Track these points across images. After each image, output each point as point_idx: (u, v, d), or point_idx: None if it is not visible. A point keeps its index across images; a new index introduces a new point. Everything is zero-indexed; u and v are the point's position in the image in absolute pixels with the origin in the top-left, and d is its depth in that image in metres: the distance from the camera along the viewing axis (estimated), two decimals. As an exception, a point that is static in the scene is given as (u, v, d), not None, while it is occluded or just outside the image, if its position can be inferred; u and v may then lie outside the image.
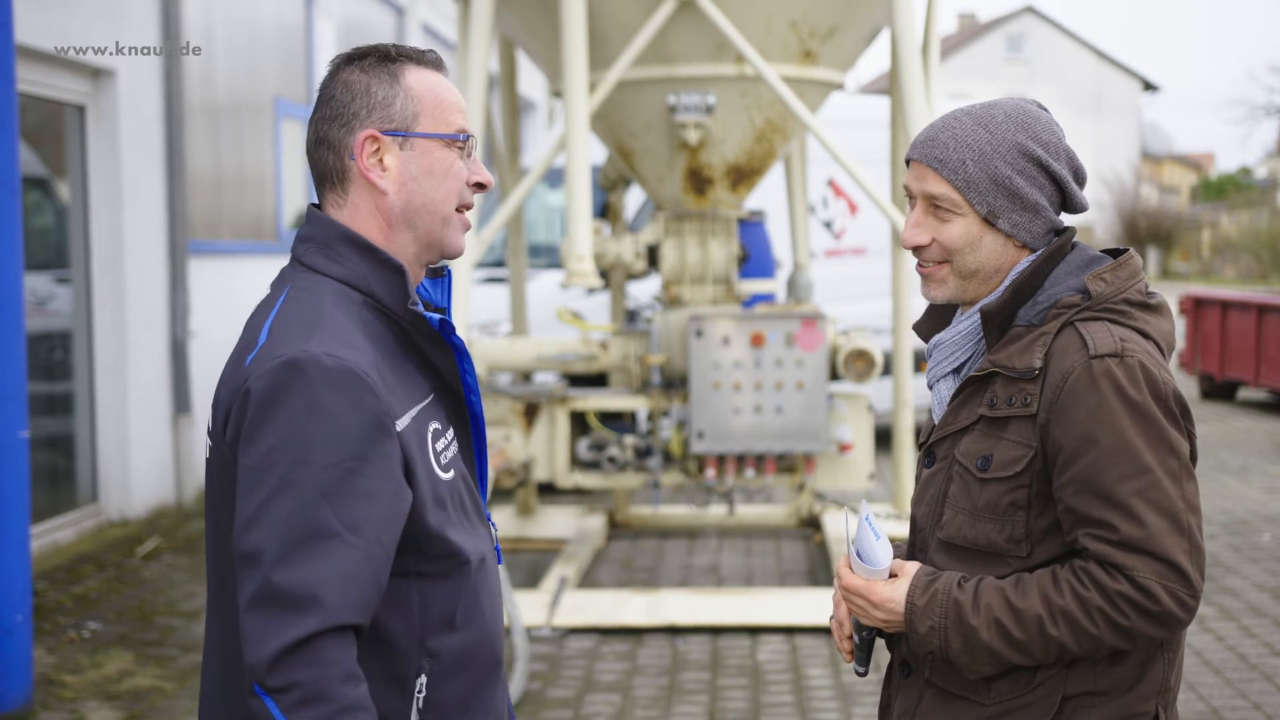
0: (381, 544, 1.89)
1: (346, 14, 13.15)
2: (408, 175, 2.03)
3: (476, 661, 2.05)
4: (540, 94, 19.18)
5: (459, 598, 2.02)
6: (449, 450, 2.05)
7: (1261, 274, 42.43)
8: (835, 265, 11.48)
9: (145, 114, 8.81)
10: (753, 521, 8.73)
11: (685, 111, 7.12)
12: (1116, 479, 2.05)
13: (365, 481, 1.87)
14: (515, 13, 7.43)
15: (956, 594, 2.12)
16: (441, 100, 2.06)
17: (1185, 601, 2.05)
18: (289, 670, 1.81)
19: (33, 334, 7.50)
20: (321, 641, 1.83)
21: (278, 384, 1.87)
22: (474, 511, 2.10)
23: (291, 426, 1.86)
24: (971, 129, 2.18)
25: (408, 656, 1.98)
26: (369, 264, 2.01)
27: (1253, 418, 14.48)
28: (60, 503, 8.29)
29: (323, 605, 1.83)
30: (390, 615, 1.97)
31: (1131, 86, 57.56)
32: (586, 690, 5.83)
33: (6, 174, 5.21)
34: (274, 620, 1.82)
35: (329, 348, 1.89)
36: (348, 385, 1.88)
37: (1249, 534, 8.72)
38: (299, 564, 1.83)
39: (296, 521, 1.84)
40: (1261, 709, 5.58)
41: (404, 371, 2.01)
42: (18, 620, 5.28)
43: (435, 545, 1.98)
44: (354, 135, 2.02)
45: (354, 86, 2.04)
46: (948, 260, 2.21)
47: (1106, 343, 2.09)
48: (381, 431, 1.90)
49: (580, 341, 7.54)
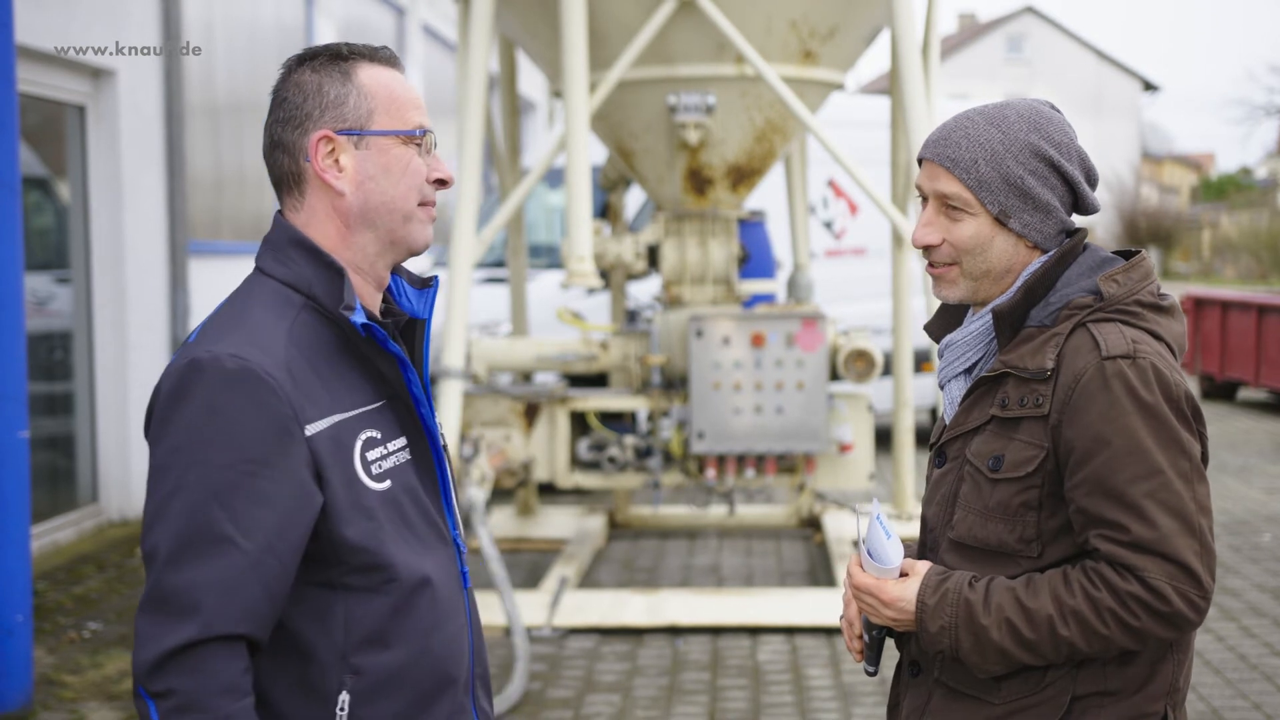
0: (275, 550, 1.85)
1: (346, 14, 13.15)
2: (365, 175, 2.00)
3: (412, 684, 1.98)
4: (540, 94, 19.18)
5: (391, 615, 1.95)
6: (387, 460, 1.99)
7: (1262, 274, 42.42)
8: (835, 265, 11.47)
9: (145, 114, 8.81)
10: (753, 522, 8.73)
11: (685, 111, 7.12)
12: (1128, 480, 2.05)
13: (260, 484, 1.84)
14: (515, 13, 7.42)
15: (968, 593, 2.12)
16: (396, 96, 2.02)
17: (1196, 603, 2.05)
18: (167, 676, 1.80)
19: (33, 334, 7.50)
20: (201, 650, 1.81)
21: (180, 384, 1.87)
22: (424, 527, 2.03)
23: (190, 427, 1.85)
24: (984, 129, 2.18)
25: (328, 670, 1.93)
26: (313, 266, 1.98)
27: (1253, 418, 14.48)
28: (60, 503, 8.29)
29: (202, 613, 1.81)
30: (310, 626, 1.93)
31: (1132, 86, 57.56)
32: (587, 690, 5.83)
33: (7, 174, 5.21)
34: (159, 624, 1.82)
35: (236, 348, 1.87)
36: (248, 387, 1.85)
37: (1249, 534, 8.72)
38: (184, 568, 1.82)
39: (187, 524, 1.83)
40: (1262, 709, 5.58)
41: (343, 377, 1.97)
42: (18, 620, 5.28)
43: (357, 557, 1.93)
44: (308, 136, 1.99)
45: (306, 87, 2.01)
46: (957, 262, 2.21)
47: (1119, 344, 2.09)
48: (283, 434, 1.86)
49: (580, 342, 7.54)
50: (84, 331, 8.51)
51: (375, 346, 1.99)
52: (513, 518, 8.63)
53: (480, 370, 7.43)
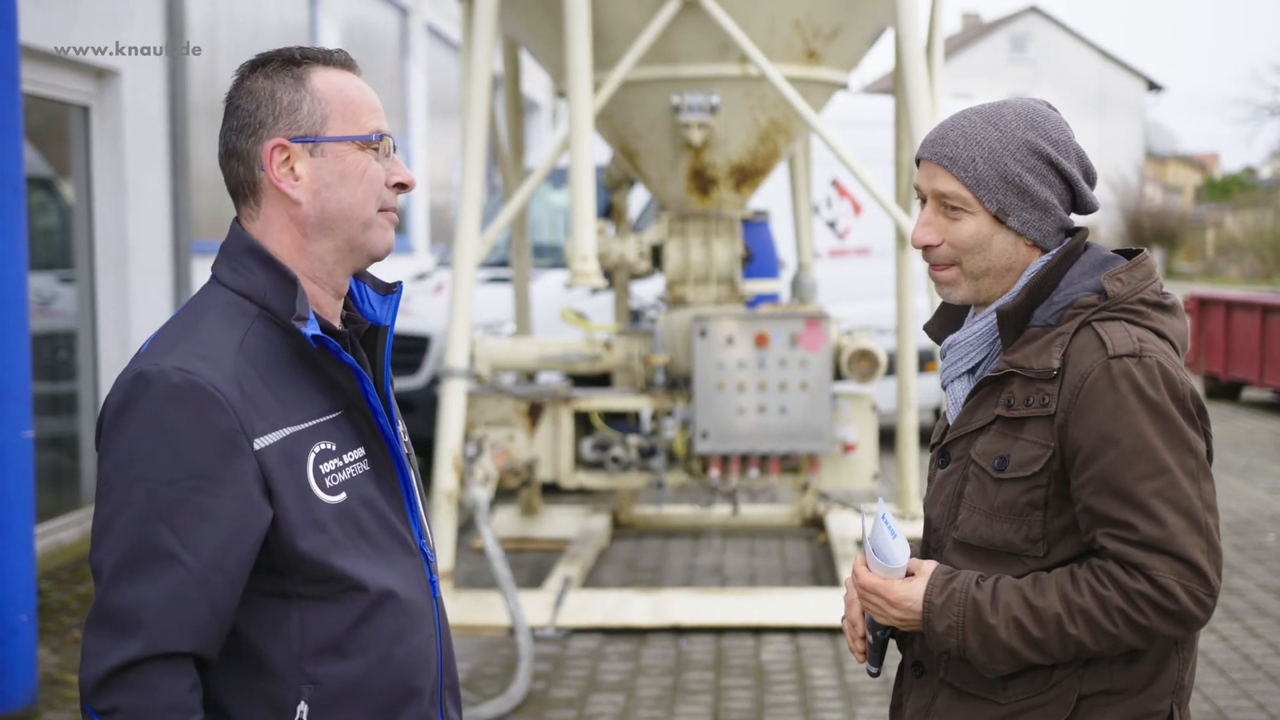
0: (220, 567, 1.83)
1: (350, 14, 13.16)
2: (321, 182, 1.96)
3: (373, 695, 1.95)
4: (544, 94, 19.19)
5: (349, 625, 1.93)
6: (343, 472, 1.96)
7: (1266, 274, 42.38)
8: (839, 265, 11.47)
9: (149, 114, 8.82)
10: (757, 522, 8.73)
11: (689, 111, 7.12)
12: (1135, 479, 2.05)
13: (205, 500, 1.82)
14: (519, 13, 7.42)
15: (975, 593, 2.12)
16: (351, 101, 1.98)
17: (1203, 601, 2.06)
18: (111, 694, 1.79)
19: (37, 334, 7.50)
20: (145, 668, 1.79)
21: (126, 398, 1.85)
22: (385, 538, 1.99)
23: (134, 442, 1.83)
24: (981, 127, 2.18)
25: (285, 681, 1.91)
26: (268, 275, 1.95)
27: (1257, 418, 14.47)
28: (64, 503, 8.30)
29: (146, 631, 1.79)
30: (266, 637, 1.91)
31: (1136, 86, 57.53)
32: (590, 690, 5.83)
33: (11, 174, 5.21)
34: (104, 641, 1.81)
35: (182, 361, 1.85)
36: (193, 401, 1.83)
37: (1253, 534, 8.71)
38: (128, 585, 1.81)
39: (131, 540, 1.81)
40: (1266, 709, 5.57)
41: (297, 388, 1.94)
42: (22, 620, 5.29)
43: (312, 569, 1.90)
44: (262, 145, 1.96)
45: (259, 94, 1.97)
46: (957, 262, 2.21)
47: (1125, 343, 2.10)
48: (230, 449, 1.84)
49: (584, 341, 7.54)
50: (88, 331, 8.51)
51: (329, 357, 1.95)
52: (516, 517, 8.64)
53: (484, 370, 7.43)
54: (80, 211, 8.45)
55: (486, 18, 6.91)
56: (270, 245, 1.97)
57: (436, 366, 9.68)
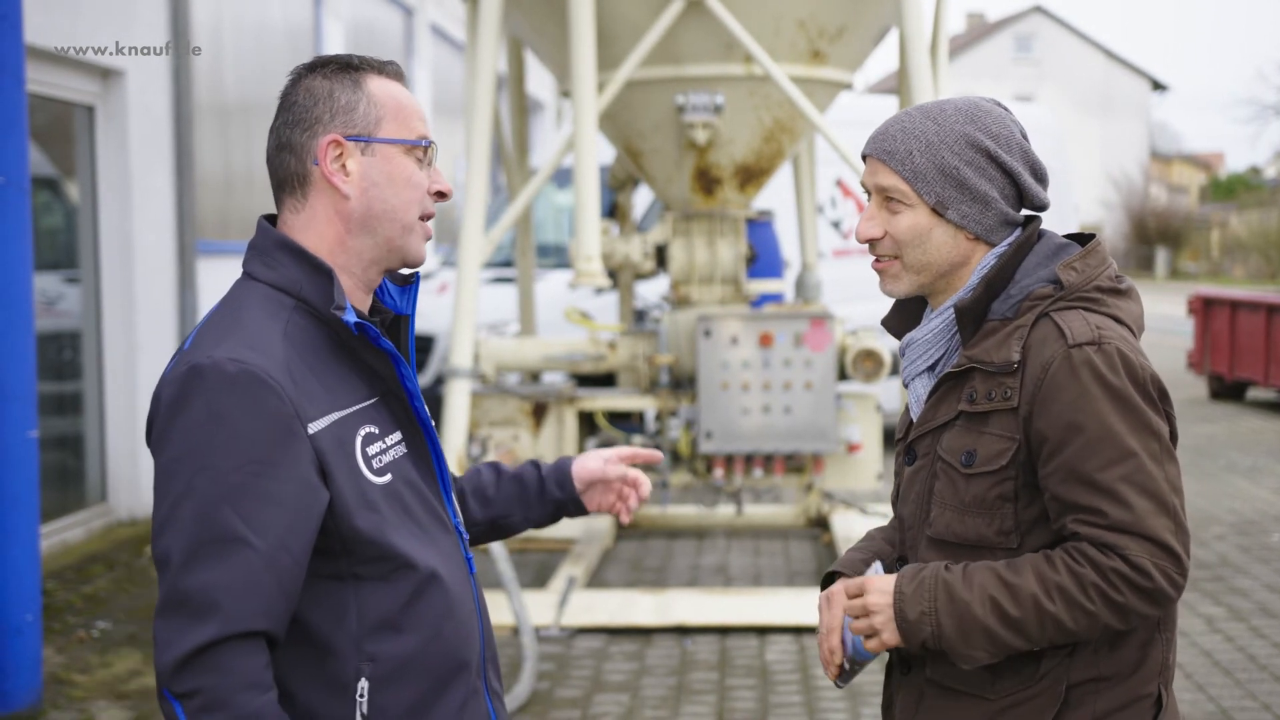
0: (287, 548, 1.89)
1: (355, 14, 13.16)
2: (369, 181, 2.04)
3: (427, 669, 2.03)
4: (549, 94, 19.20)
5: (402, 602, 2.01)
6: (387, 454, 2.04)
7: (1271, 274, 42.34)
8: (843, 265, 11.47)
9: (154, 114, 8.83)
10: (761, 521, 8.73)
11: (694, 111, 7.12)
12: (1101, 465, 2.08)
13: (268, 485, 1.88)
14: (524, 13, 7.43)
15: (944, 575, 2.14)
16: (404, 106, 2.07)
17: (1175, 579, 2.08)
18: (191, 677, 1.84)
19: (42, 334, 7.51)
20: (222, 649, 1.85)
21: (181, 391, 1.91)
22: (426, 517, 2.08)
23: (194, 432, 1.89)
24: (920, 122, 2.21)
25: (345, 659, 1.98)
26: (301, 268, 2.02)
27: (1262, 417, 14.45)
28: (69, 502, 8.31)
29: (221, 612, 1.85)
30: (324, 618, 1.98)
31: (1140, 86, 57.48)
32: (595, 690, 5.83)
33: (16, 174, 5.22)
34: (178, 626, 1.86)
35: (234, 353, 1.91)
36: (249, 390, 1.89)
37: (1258, 534, 8.70)
38: (199, 570, 1.86)
39: (198, 527, 1.87)
40: (1271, 709, 5.56)
41: (338, 375, 2.01)
42: (27, 619, 5.29)
43: (368, 548, 1.97)
44: (317, 140, 2.03)
45: (317, 92, 2.05)
46: (899, 255, 2.24)
47: (1083, 331, 2.12)
48: (286, 434, 1.90)
49: (588, 341, 7.54)
50: (93, 331, 8.52)
51: (367, 344, 2.03)
52: (521, 517, 8.62)
53: (488, 370, 7.43)
54: (85, 211, 8.46)
55: (491, 18, 6.91)
56: (311, 237, 2.05)
57: (441, 366, 9.68)
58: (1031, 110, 14.36)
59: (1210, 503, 9.65)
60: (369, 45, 13.59)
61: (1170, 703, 2.21)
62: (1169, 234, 51.14)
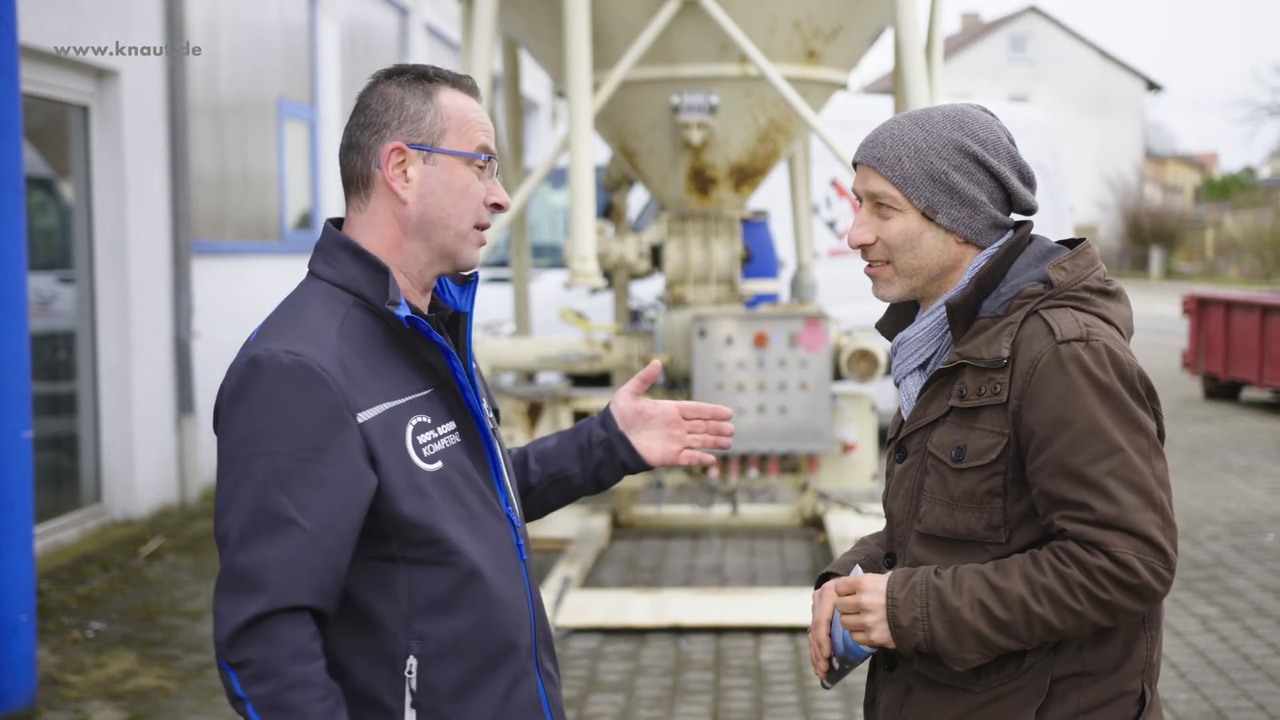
0: (335, 528, 2.01)
1: (350, 14, 13.15)
2: (427, 188, 2.14)
3: (475, 650, 2.13)
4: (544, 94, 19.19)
5: (452, 584, 2.11)
6: (438, 443, 2.14)
7: (1265, 274, 42.39)
8: (838, 265, 11.47)
9: (149, 114, 8.82)
10: (756, 522, 8.73)
11: (689, 112, 7.12)
12: (1089, 460, 2.10)
13: (319, 469, 2.00)
14: (519, 13, 7.43)
15: (935, 580, 2.16)
16: (469, 120, 2.16)
17: (1162, 575, 2.10)
18: (243, 648, 1.97)
19: (36, 334, 7.50)
20: (271, 621, 1.97)
21: (241, 381, 2.04)
22: (478, 504, 2.17)
23: (251, 419, 2.02)
24: (908, 128, 2.26)
25: (395, 637, 2.09)
26: (360, 267, 2.13)
27: (1257, 418, 14.47)
28: (64, 503, 8.30)
29: (270, 588, 1.97)
30: (377, 597, 2.09)
31: (1135, 86, 57.56)
32: (590, 690, 5.83)
33: (11, 174, 5.21)
34: (232, 601, 1.99)
35: (291, 345, 2.04)
36: (303, 380, 2.01)
37: (1253, 534, 8.71)
38: (252, 549, 1.99)
39: (253, 508, 2.00)
40: (1266, 709, 5.57)
41: (392, 367, 2.12)
42: (21, 620, 5.29)
43: (416, 532, 2.08)
44: (383, 144, 2.13)
45: (389, 99, 2.15)
46: (890, 260, 2.27)
47: (1072, 328, 2.15)
48: (337, 422, 2.02)
49: (584, 342, 7.54)
50: (87, 331, 8.51)
51: (420, 338, 2.13)
52: (516, 518, 8.62)
53: (484, 370, 7.43)
54: (80, 212, 8.45)
55: (486, 18, 6.91)
56: (370, 236, 2.16)
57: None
58: (1026, 110, 14.36)
59: (1205, 503, 9.66)
60: (364, 45, 13.58)
61: (1154, 701, 2.23)
62: (1164, 234, 51.21)
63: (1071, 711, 2.16)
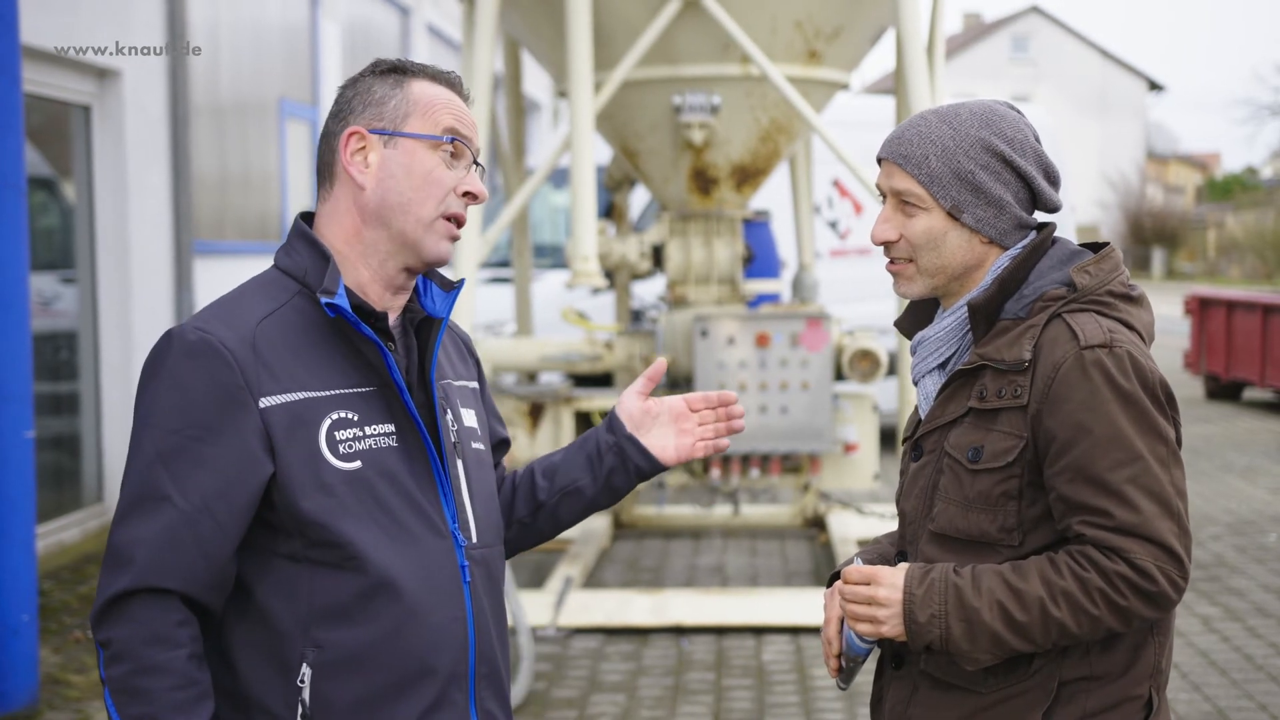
0: (211, 511, 1.95)
1: (351, 15, 13.15)
2: (386, 172, 2.06)
3: (380, 667, 2.00)
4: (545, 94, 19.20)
5: (355, 592, 1.98)
6: (362, 443, 2.02)
7: (1267, 274, 42.37)
8: (840, 265, 11.48)
9: (151, 114, 8.82)
10: (758, 522, 8.73)
11: (690, 112, 7.12)
12: (1109, 466, 2.09)
13: (203, 449, 1.95)
14: (520, 13, 7.43)
15: (954, 579, 2.14)
16: (435, 104, 2.08)
17: (1177, 583, 2.11)
18: (107, 627, 1.94)
19: (38, 334, 7.50)
20: (132, 601, 1.92)
21: (153, 355, 2.02)
22: (408, 514, 2.04)
23: (154, 395, 1.99)
24: (936, 126, 2.23)
25: (291, 642, 1.99)
26: (310, 256, 2.09)
27: (1258, 418, 14.47)
28: (65, 503, 8.29)
29: (136, 565, 1.93)
30: (275, 596, 2.00)
31: (1137, 86, 57.52)
32: (591, 690, 5.83)
33: (12, 174, 5.21)
34: (105, 575, 1.96)
35: (203, 324, 2.00)
36: (203, 357, 1.97)
37: (1254, 534, 8.71)
38: (128, 525, 1.95)
39: (137, 482, 1.97)
40: (1267, 709, 5.57)
41: (325, 359, 2.04)
42: (23, 620, 5.29)
43: (316, 531, 1.98)
44: (345, 130, 2.09)
45: (360, 87, 2.11)
46: (913, 258, 2.26)
47: (1096, 334, 2.13)
48: (232, 403, 1.96)
49: (585, 342, 7.54)
50: (89, 331, 8.51)
51: (355, 332, 2.04)
52: (517, 518, 8.62)
53: (486, 370, 7.42)
54: (81, 212, 8.45)
55: (487, 18, 6.91)
56: (333, 226, 2.10)
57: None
58: (1028, 110, 14.36)
59: (1206, 503, 9.66)
60: (365, 45, 13.58)
61: (1162, 706, 2.22)
62: (1165, 234, 51.18)
63: (1078, 715, 2.15)
